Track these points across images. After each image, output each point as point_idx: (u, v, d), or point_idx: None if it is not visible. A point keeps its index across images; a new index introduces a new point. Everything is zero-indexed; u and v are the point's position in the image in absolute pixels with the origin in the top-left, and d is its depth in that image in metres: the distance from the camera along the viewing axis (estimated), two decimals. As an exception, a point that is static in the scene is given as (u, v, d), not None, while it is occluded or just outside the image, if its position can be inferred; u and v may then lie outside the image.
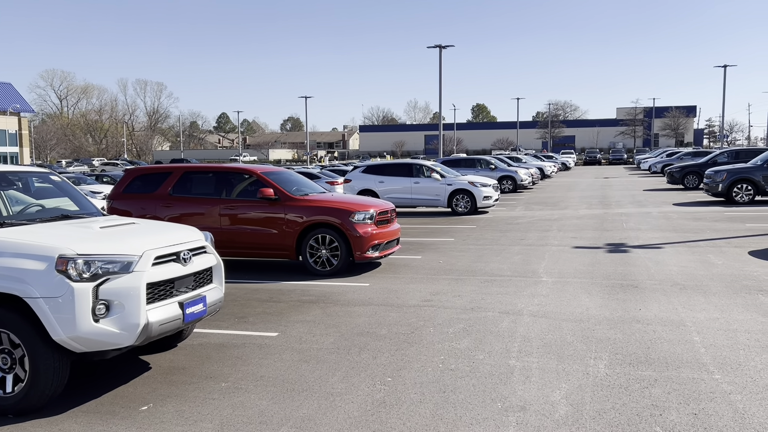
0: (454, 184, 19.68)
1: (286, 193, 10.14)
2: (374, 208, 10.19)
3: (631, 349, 5.74)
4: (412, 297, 8.17)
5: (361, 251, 9.77)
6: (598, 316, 6.92)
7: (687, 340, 5.96)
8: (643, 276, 9.09)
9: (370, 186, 20.34)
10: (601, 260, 10.51)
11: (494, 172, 29.22)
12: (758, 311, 6.96)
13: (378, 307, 7.63)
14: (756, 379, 4.93)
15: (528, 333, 6.36)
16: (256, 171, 10.48)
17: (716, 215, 16.79)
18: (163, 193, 10.74)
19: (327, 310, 7.54)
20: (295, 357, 5.78)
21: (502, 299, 7.89)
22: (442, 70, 41.34)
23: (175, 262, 5.09)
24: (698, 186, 26.61)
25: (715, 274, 9.11)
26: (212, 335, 6.57)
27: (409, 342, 6.15)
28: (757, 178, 19.80)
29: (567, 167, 58.19)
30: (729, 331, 6.21)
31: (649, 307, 7.30)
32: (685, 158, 37.48)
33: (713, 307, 7.18)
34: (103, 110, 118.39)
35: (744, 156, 25.85)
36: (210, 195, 10.51)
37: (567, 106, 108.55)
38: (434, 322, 6.89)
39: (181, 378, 5.31)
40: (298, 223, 9.92)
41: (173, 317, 4.95)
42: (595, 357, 5.56)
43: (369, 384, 5.05)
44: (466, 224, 16.68)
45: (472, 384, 4.99)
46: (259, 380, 5.20)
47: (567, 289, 8.40)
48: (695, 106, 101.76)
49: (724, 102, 57.45)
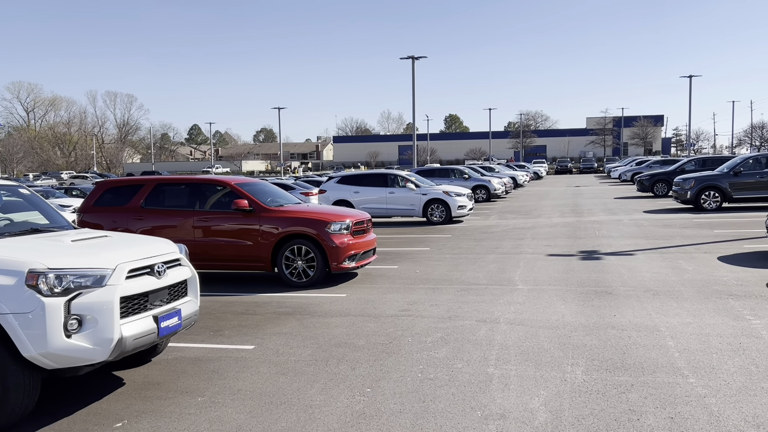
0: (429, 194, 19.76)
1: (261, 204, 10.07)
2: (350, 219, 10.17)
3: (608, 355, 5.80)
4: (389, 307, 8.15)
5: (337, 262, 9.73)
6: (574, 323, 6.99)
7: (661, 345, 6.04)
8: (616, 282, 9.22)
9: (345, 196, 20.32)
10: (575, 267, 10.63)
11: (468, 181, 29.47)
12: (729, 315, 7.10)
13: (355, 318, 7.60)
14: (729, 382, 5.01)
15: (505, 341, 6.38)
16: (230, 182, 10.39)
17: (685, 222, 17.13)
18: (135, 205, 10.58)
19: (304, 322, 7.48)
20: (272, 370, 5.71)
21: (479, 307, 7.92)
22: (415, 81, 41.62)
23: (149, 275, 5.00)
24: (667, 193, 27.13)
25: (686, 279, 9.27)
26: (187, 349, 6.46)
27: (387, 352, 6.13)
28: (723, 186, 20.26)
29: (539, 176, 58.94)
30: (702, 336, 6.32)
31: (624, 313, 7.39)
32: (654, 166, 38.17)
33: (686, 312, 7.30)
34: (71, 122, 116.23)
35: (711, 164, 26.45)
36: (183, 207, 10.37)
37: (538, 116, 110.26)
38: (412, 331, 6.88)
39: (156, 393, 5.21)
40: (273, 234, 9.84)
41: (148, 331, 4.86)
42: (572, 363, 5.60)
43: (348, 395, 5.01)
44: (441, 233, 16.74)
45: (452, 393, 4.98)
46: (236, 394, 5.12)
47: (542, 296, 8.47)
48: (663, 115, 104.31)
49: (690, 111, 58.80)
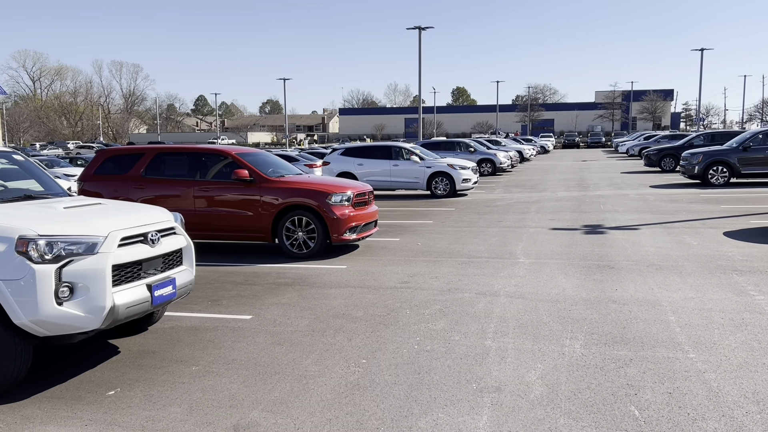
0: (433, 167, 19.61)
1: (262, 174, 9.97)
2: (352, 190, 10.07)
3: (607, 329, 5.73)
4: (389, 279, 8.09)
5: (338, 233, 9.66)
6: (575, 297, 6.91)
7: (662, 320, 5.97)
8: (619, 257, 9.12)
9: (349, 169, 20.20)
10: (578, 242, 10.53)
11: (474, 154, 29.23)
12: (732, 291, 7.00)
13: (354, 289, 7.55)
14: (730, 357, 4.94)
15: (504, 314, 6.32)
16: (231, 152, 10.28)
17: (692, 197, 16.94)
18: (135, 174, 10.50)
19: (302, 293, 7.44)
20: (268, 340, 5.67)
21: (479, 280, 7.85)
22: (421, 51, 41.11)
23: (142, 244, 4.93)
24: (675, 168, 26.85)
25: (690, 254, 9.16)
26: (184, 318, 6.44)
27: (384, 324, 6.08)
28: (732, 161, 20.00)
29: (546, 150, 58.47)
30: (704, 311, 6.24)
31: (626, 287, 7.31)
32: (662, 141, 37.76)
33: (688, 287, 7.21)
34: (77, 92, 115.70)
35: (720, 139, 26.09)
36: (183, 177, 10.29)
37: (546, 90, 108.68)
38: (411, 303, 6.82)
39: (151, 362, 5.18)
40: (273, 205, 9.76)
41: (141, 300, 4.81)
42: (571, 337, 5.53)
43: (343, 366, 4.97)
44: (444, 207, 16.63)
45: (447, 365, 4.93)
46: (230, 363, 5.09)
47: (544, 270, 8.39)
48: (672, 89, 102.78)
49: (701, 85, 57.94)
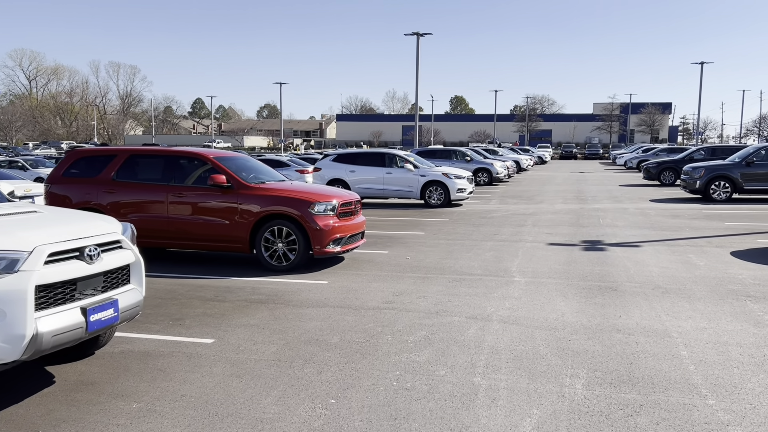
0: (428, 176, 18.97)
1: (240, 180, 9.30)
2: (337, 199, 9.41)
3: (612, 365, 5.07)
4: (372, 298, 7.42)
5: (320, 245, 8.98)
6: (575, 324, 6.25)
7: (674, 355, 5.31)
8: (622, 277, 8.47)
9: (341, 175, 19.56)
10: (577, 259, 9.88)
11: (470, 164, 28.66)
12: (748, 321, 6.35)
13: (333, 309, 6.87)
14: (756, 405, 4.27)
15: (497, 343, 5.66)
16: (208, 156, 9.61)
17: (694, 213, 16.33)
18: (105, 177, 9.82)
19: (275, 313, 6.75)
20: (227, 370, 4.98)
21: (470, 301, 7.19)
22: (419, 58, 40.60)
23: (78, 260, 4.26)
24: (674, 182, 26.30)
25: (698, 276, 8.52)
26: (138, 341, 5.74)
27: (362, 353, 5.40)
28: (734, 176, 19.42)
29: (543, 161, 57.95)
30: (719, 344, 5.58)
31: (630, 313, 6.65)
32: (661, 154, 37.30)
33: (699, 315, 6.55)
34: (74, 92, 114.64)
35: (720, 153, 25.56)
36: (157, 181, 9.61)
37: (545, 100, 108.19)
38: (393, 328, 6.15)
39: (87, 396, 4.49)
40: (252, 213, 9.09)
41: (72, 326, 4.13)
42: (572, 375, 4.87)
43: (308, 407, 4.29)
44: (438, 217, 15.98)
45: (429, 408, 4.25)
46: (178, 400, 4.40)
47: (541, 290, 7.73)
48: (671, 103, 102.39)
49: (701, 98, 57.61)
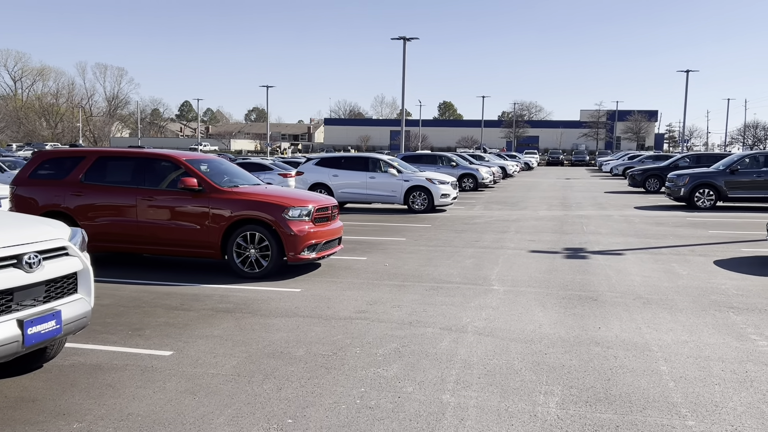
0: (411, 180, 18.74)
1: (212, 183, 9.00)
2: (313, 204, 9.13)
3: (589, 382, 4.83)
4: (345, 307, 7.15)
5: (294, 252, 8.69)
6: (552, 336, 6.02)
7: (653, 370, 5.08)
8: (603, 287, 8.26)
9: (323, 180, 19.28)
10: (558, 267, 9.67)
11: (455, 169, 28.50)
12: (730, 334, 6.14)
13: (303, 320, 6.59)
14: (737, 427, 4.04)
15: (470, 357, 5.40)
16: (180, 158, 9.29)
17: (678, 220, 16.22)
18: (73, 179, 9.48)
19: (241, 323, 6.46)
20: (181, 386, 4.69)
21: (446, 311, 6.94)
22: (405, 62, 40.42)
23: (15, 268, 3.96)
24: (659, 189, 26.25)
25: (680, 286, 8.33)
26: (92, 353, 5.43)
27: (327, 367, 5.12)
28: (719, 184, 19.37)
29: (530, 167, 57.95)
30: (700, 359, 5.36)
31: (610, 325, 6.43)
32: (647, 161, 37.33)
33: (681, 327, 6.34)
34: (60, 94, 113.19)
35: (705, 160, 25.54)
36: (127, 184, 9.28)
37: (532, 107, 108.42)
38: (363, 340, 5.88)
39: (26, 415, 4.17)
40: (224, 217, 8.78)
41: (6, 339, 3.82)
42: (546, 392, 4.62)
43: (263, 427, 4.00)
44: (420, 223, 15.74)
45: (392, 430, 3.98)
46: (124, 420, 4.09)
47: (519, 300, 7.50)
48: (657, 110, 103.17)
49: (686, 106, 58.13)
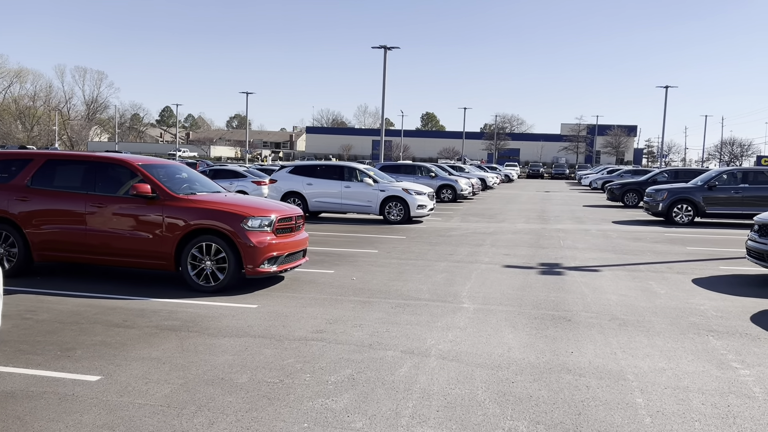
0: (387, 191, 18.30)
1: (167, 190, 8.45)
2: (275, 213, 8.62)
3: (557, 416, 4.38)
4: (302, 326, 6.64)
5: (253, 264, 8.17)
6: (521, 361, 5.57)
7: (628, 403, 4.65)
8: (578, 306, 7.86)
9: (297, 188, 18.79)
10: (532, 283, 9.26)
11: (434, 180, 28.19)
12: (711, 361, 5.75)
13: (253, 340, 6.07)
14: (720, 474, 3.62)
15: (430, 385, 4.93)
16: (133, 163, 8.74)
17: (656, 236, 15.95)
18: (19, 183, 8.88)
19: (185, 343, 5.92)
20: (100, 419, 4.15)
21: (409, 332, 6.47)
22: (386, 71, 40.12)
23: None
24: (638, 204, 26.13)
25: (658, 306, 7.96)
26: (8, 378, 4.85)
27: (270, 397, 4.62)
28: (697, 199, 19.21)
29: (510, 179, 57.95)
30: (679, 390, 4.95)
31: (584, 349, 6.00)
32: (625, 176, 37.41)
33: (658, 353, 5.93)
34: (37, 96, 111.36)
35: (683, 176, 25.54)
36: (76, 189, 8.71)
37: (514, 120, 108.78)
38: (316, 365, 5.38)
39: None
40: (178, 227, 8.24)
41: None
42: (510, 428, 4.16)
43: (184, 472, 3.50)
44: (395, 234, 15.29)
45: (332, 476, 3.50)
46: (23, 462, 3.56)
47: (489, 320, 7.05)
48: (636, 126, 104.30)
49: (665, 122, 58.52)
